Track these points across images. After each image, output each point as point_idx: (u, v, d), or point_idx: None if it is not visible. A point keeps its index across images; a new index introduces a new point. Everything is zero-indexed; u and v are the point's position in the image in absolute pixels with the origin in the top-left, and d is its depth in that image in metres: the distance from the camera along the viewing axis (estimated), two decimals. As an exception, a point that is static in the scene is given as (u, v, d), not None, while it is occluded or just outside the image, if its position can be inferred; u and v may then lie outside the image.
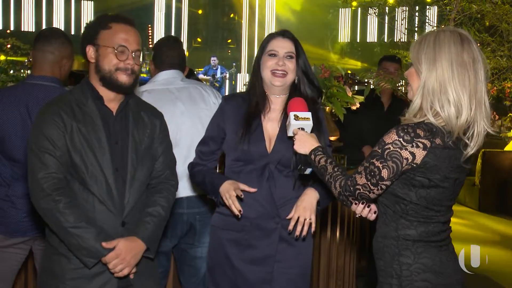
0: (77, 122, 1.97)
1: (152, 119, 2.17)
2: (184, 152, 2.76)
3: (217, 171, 2.65)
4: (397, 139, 1.69)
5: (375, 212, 1.92)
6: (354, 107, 4.33)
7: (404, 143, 1.69)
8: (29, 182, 1.96)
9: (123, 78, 2.02)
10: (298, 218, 2.18)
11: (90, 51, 2.03)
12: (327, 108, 3.69)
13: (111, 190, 1.99)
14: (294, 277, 2.31)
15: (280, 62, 2.25)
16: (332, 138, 3.87)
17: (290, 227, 2.20)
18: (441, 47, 1.70)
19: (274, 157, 2.24)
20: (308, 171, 2.05)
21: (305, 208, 2.19)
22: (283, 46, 2.28)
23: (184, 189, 2.77)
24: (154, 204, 2.13)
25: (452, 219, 1.96)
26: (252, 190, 2.22)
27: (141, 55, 2.10)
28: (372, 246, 1.92)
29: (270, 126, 2.29)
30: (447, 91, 1.67)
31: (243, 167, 2.26)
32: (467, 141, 1.72)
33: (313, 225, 2.20)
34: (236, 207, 2.17)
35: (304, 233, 2.20)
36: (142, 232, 2.05)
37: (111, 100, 2.06)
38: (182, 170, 2.72)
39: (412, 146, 1.68)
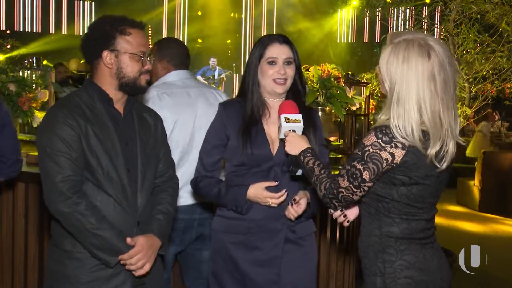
0: (91, 125, 1.96)
1: (154, 120, 2.18)
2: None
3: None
4: (376, 140, 1.71)
5: (348, 222, 1.95)
6: (354, 108, 4.35)
7: (383, 144, 1.70)
8: (45, 186, 1.94)
9: (143, 82, 2.06)
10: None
11: (108, 57, 2.00)
12: (327, 108, 3.69)
13: (126, 191, 2.00)
14: (302, 277, 2.32)
15: (282, 71, 2.25)
16: (331, 138, 3.87)
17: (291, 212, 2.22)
18: (409, 65, 1.69)
19: (278, 159, 2.24)
20: (299, 172, 2.06)
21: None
22: (282, 53, 2.27)
23: (196, 195, 2.74)
24: (162, 202, 2.15)
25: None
26: (274, 183, 2.22)
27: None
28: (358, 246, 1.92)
29: (272, 129, 2.29)
30: (411, 115, 1.68)
31: (247, 170, 2.26)
32: (438, 165, 1.72)
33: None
34: (277, 197, 2.20)
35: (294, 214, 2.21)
36: (156, 229, 2.07)
37: (117, 102, 2.07)
38: None
39: (391, 147, 1.70)
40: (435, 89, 1.69)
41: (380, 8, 5.84)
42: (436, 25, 5.77)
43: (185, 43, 3.38)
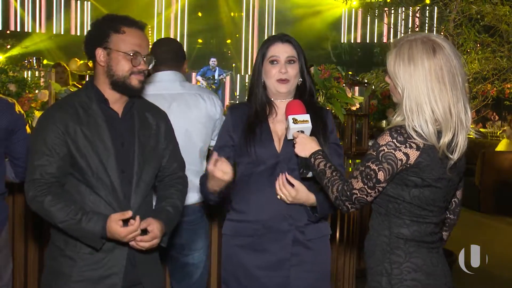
0: (81, 126, 1.97)
1: (156, 120, 2.17)
2: None
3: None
4: (391, 140, 1.71)
5: None
6: (354, 108, 4.34)
7: (398, 144, 1.70)
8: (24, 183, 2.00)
9: (135, 82, 2.03)
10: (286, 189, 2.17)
11: (101, 54, 2.00)
12: (327, 108, 3.69)
13: (117, 192, 2.00)
14: (312, 281, 2.26)
15: (283, 70, 2.23)
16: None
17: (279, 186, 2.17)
18: (415, 63, 1.71)
19: (284, 155, 2.21)
20: (310, 174, 2.04)
21: (297, 197, 2.16)
22: (283, 52, 2.25)
23: None
24: (172, 196, 2.15)
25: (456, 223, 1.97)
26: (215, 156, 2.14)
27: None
28: (364, 245, 1.92)
29: (278, 127, 2.27)
30: (424, 111, 1.70)
31: (253, 168, 2.24)
32: (450, 155, 1.73)
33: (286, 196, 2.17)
34: (222, 166, 2.10)
35: (283, 191, 2.16)
36: (164, 217, 2.06)
37: (116, 102, 2.06)
38: None
39: (406, 147, 1.70)
40: (443, 82, 1.70)
41: (377, 9, 5.84)
42: (434, 26, 5.78)
43: (185, 43, 3.33)
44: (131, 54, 1.99)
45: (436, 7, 5.59)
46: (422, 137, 1.70)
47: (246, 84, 13.59)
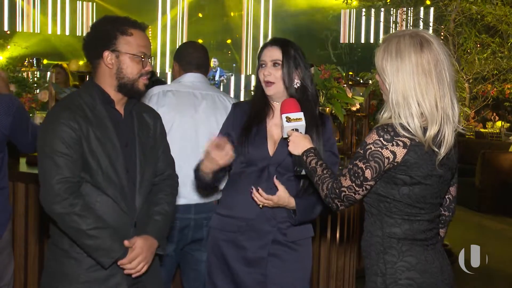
0: (92, 126, 1.96)
1: (153, 120, 2.18)
2: (199, 158, 2.68)
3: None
4: (378, 138, 1.72)
5: None
6: (354, 108, 4.35)
7: (385, 142, 1.71)
8: (42, 186, 1.94)
9: (141, 85, 2.05)
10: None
11: (109, 57, 1.99)
12: (327, 109, 3.69)
13: (125, 192, 2.00)
14: (291, 280, 2.31)
15: (266, 72, 2.28)
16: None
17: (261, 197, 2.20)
18: (402, 57, 1.72)
19: (275, 159, 2.26)
20: (303, 172, 2.05)
21: (279, 202, 2.20)
22: (269, 55, 2.30)
23: (194, 196, 2.75)
24: (160, 202, 2.15)
25: (452, 219, 1.96)
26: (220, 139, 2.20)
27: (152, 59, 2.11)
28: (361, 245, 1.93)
29: (274, 130, 2.31)
30: (410, 104, 1.70)
31: (245, 168, 2.29)
32: (436, 149, 1.73)
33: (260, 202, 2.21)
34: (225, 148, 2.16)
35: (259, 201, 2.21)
36: (152, 230, 2.07)
37: (118, 103, 2.06)
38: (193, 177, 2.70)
39: (393, 145, 1.71)
40: (430, 76, 1.70)
41: (374, 9, 5.86)
42: (431, 25, 5.79)
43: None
44: (142, 57, 2.01)
45: (436, 7, 5.60)
46: (409, 131, 1.70)
47: (243, 85, 13.62)
